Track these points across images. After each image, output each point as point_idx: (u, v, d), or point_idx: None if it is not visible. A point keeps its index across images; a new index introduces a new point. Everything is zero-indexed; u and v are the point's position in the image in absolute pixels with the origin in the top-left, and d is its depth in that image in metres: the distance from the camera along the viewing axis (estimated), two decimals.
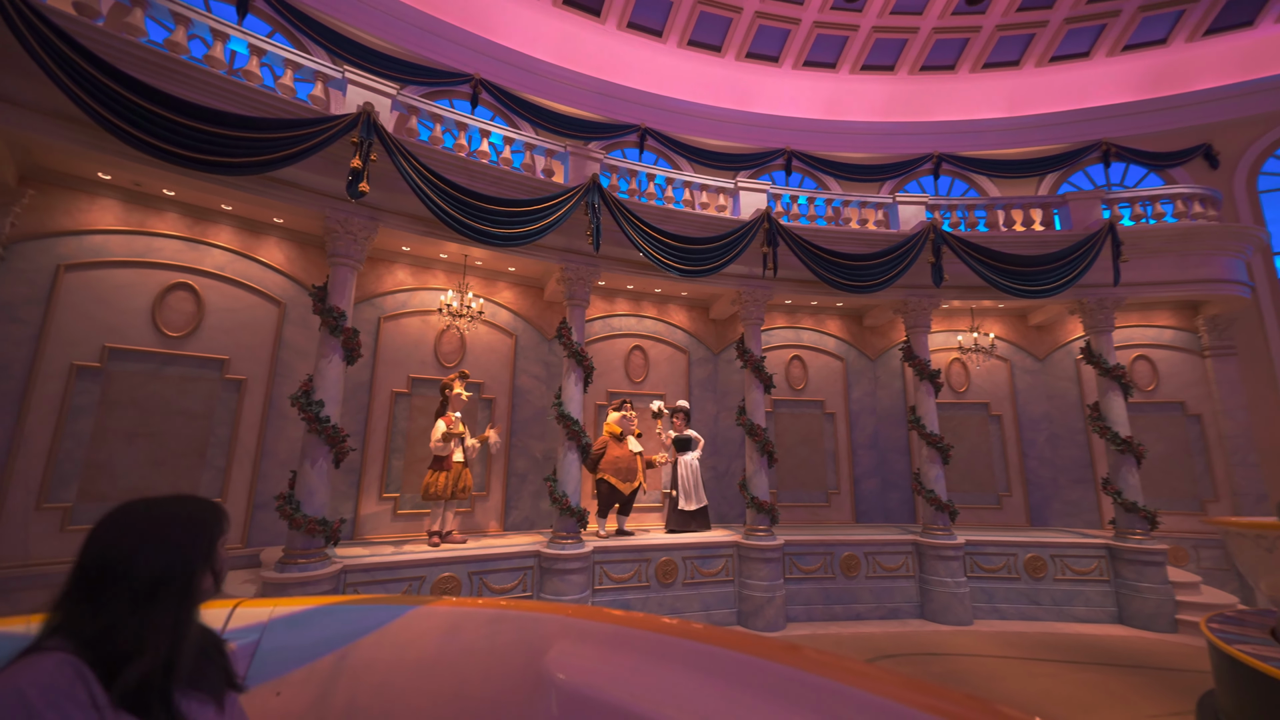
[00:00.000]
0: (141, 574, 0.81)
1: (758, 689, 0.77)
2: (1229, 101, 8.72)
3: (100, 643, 0.78)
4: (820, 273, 6.73)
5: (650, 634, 0.98)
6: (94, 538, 0.84)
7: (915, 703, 0.65)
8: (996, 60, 9.32)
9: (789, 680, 0.74)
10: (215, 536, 0.91)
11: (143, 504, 0.87)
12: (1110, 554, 6.79)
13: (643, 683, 0.87)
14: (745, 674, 0.81)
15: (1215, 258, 7.39)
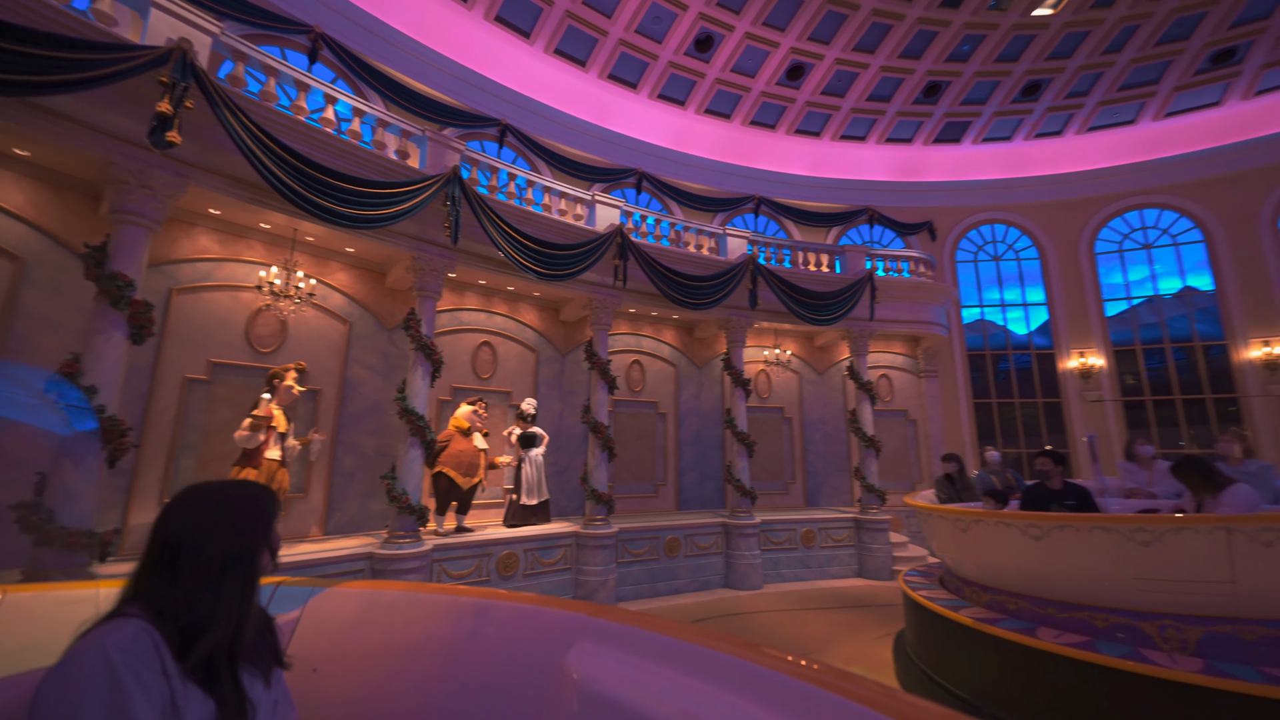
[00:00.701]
0: (215, 551, 0.88)
1: (780, 705, 0.77)
2: (945, 193, 12.01)
3: (177, 613, 0.83)
4: (664, 288, 7.55)
5: (675, 641, 0.96)
6: (168, 518, 0.89)
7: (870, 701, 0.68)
8: (804, 128, 11.41)
9: (804, 695, 0.75)
10: (273, 517, 0.99)
11: (209, 487, 0.95)
12: (856, 525, 8.88)
13: (664, 689, 0.86)
14: (769, 690, 0.80)
15: (930, 305, 10.15)
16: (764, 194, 11.42)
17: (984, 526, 3.88)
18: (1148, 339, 11.10)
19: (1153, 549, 3.10)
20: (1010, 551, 3.68)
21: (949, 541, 4.30)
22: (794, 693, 0.75)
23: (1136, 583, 3.23)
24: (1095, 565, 3.30)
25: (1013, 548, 3.65)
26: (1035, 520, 3.56)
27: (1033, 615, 3.64)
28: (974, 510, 4.31)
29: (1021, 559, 3.63)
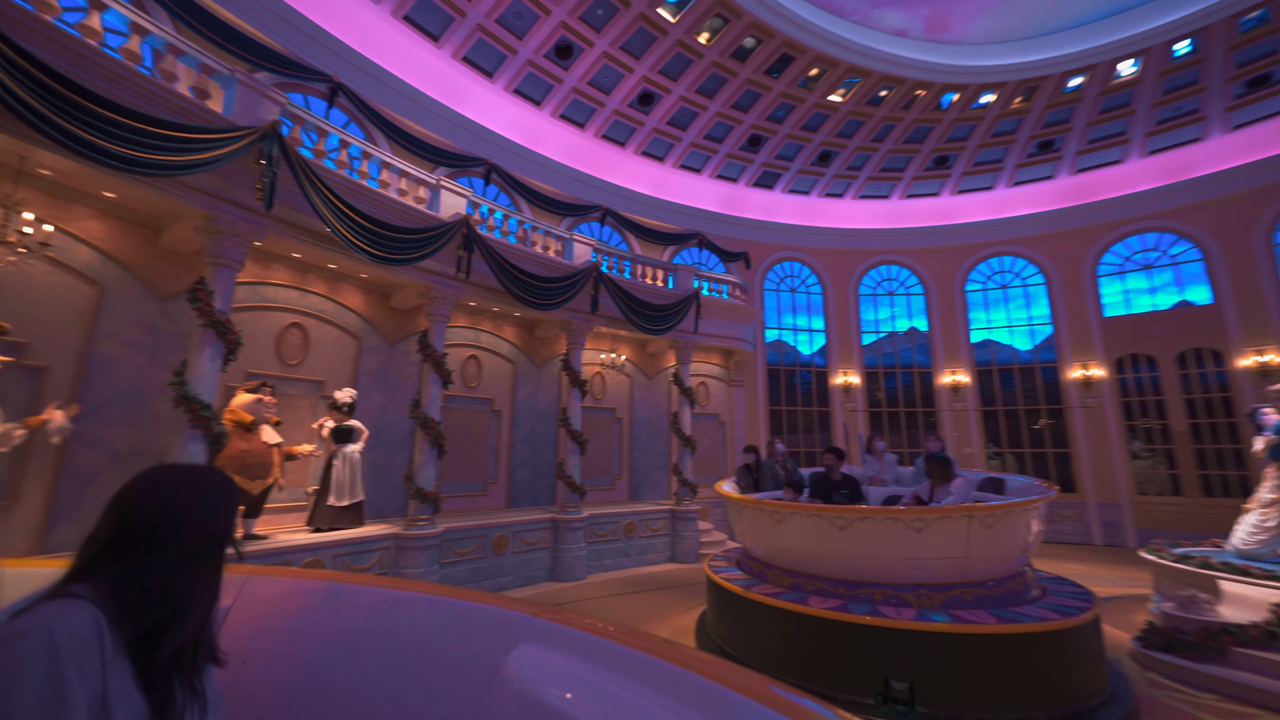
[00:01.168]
0: (196, 532, 0.81)
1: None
2: (759, 230, 14.05)
3: (144, 599, 0.75)
4: (510, 286, 7.53)
5: (624, 649, 0.97)
6: (139, 492, 0.80)
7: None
8: (650, 151, 12.34)
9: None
10: (237, 502, 0.91)
11: (180, 465, 0.87)
12: (672, 515, 9.91)
13: (602, 695, 0.87)
14: (713, 704, 0.81)
15: (742, 324, 11.81)
16: (611, 206, 12.03)
17: (798, 518, 4.43)
18: (887, 364, 14.47)
19: (924, 534, 4.09)
20: (816, 539, 4.34)
21: (756, 529, 4.79)
22: (727, 702, 0.77)
23: (909, 562, 4.15)
24: (885, 550, 4.15)
25: (819, 536, 4.31)
26: (842, 513, 4.25)
27: (829, 592, 4.31)
28: (786, 504, 4.77)
29: (828, 545, 4.30)
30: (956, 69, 11.22)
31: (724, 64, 10.69)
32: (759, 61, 10.68)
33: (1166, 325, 12.07)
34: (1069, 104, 11.74)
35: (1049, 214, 13.33)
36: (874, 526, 4.19)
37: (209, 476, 0.88)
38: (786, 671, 4.00)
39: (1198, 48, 10.25)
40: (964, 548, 4.09)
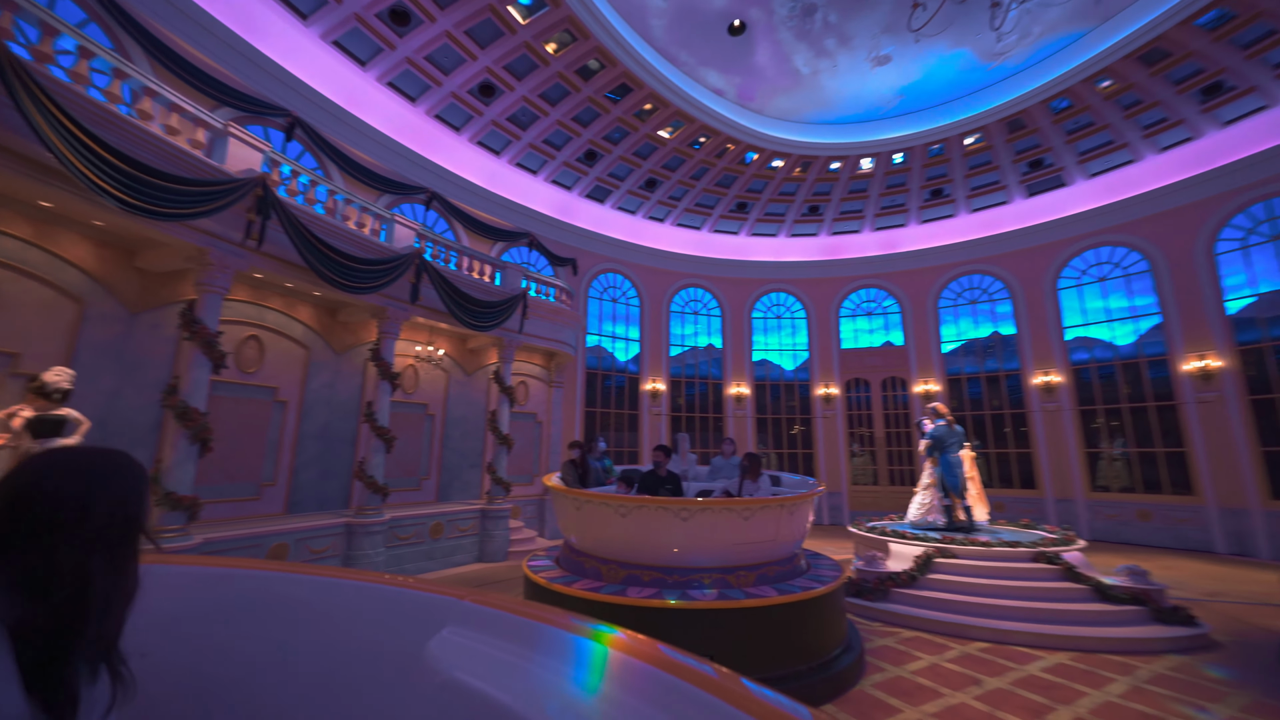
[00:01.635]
0: (109, 514, 0.73)
1: (643, 693, 0.77)
2: (588, 239, 14.72)
3: (52, 594, 0.67)
4: (314, 262, 6.68)
5: (541, 625, 0.98)
6: (38, 474, 0.70)
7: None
8: (487, 143, 12.03)
9: (675, 690, 0.75)
10: (148, 484, 0.82)
11: (83, 449, 0.78)
12: (482, 515, 9.79)
13: (524, 672, 0.88)
14: (633, 676, 0.81)
15: (566, 328, 12.26)
16: (439, 190, 11.38)
17: (646, 511, 4.56)
18: (689, 375, 16.45)
19: (750, 522, 4.67)
20: (660, 531, 4.57)
21: (596, 524, 4.86)
22: (650, 678, 0.77)
23: (738, 546, 4.67)
24: (720, 537, 4.60)
25: (663, 527, 4.54)
26: (687, 506, 4.55)
27: (654, 581, 4.58)
28: (634, 499, 4.81)
29: (670, 536, 4.56)
30: (757, 134, 13.46)
31: (569, 77, 11.06)
32: (601, 84, 11.32)
33: (876, 358, 16.23)
34: (829, 181, 15.03)
35: (811, 263, 16.78)
36: (713, 516, 4.59)
37: (119, 456, 0.81)
38: None
39: (908, 159, 14.15)
40: (775, 531, 4.87)
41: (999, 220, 14.73)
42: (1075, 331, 13.64)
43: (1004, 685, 4.55)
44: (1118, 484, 12.51)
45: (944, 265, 15.59)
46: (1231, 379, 11.08)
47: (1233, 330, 11.27)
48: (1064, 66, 11.43)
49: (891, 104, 13.34)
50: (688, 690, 0.72)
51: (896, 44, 11.21)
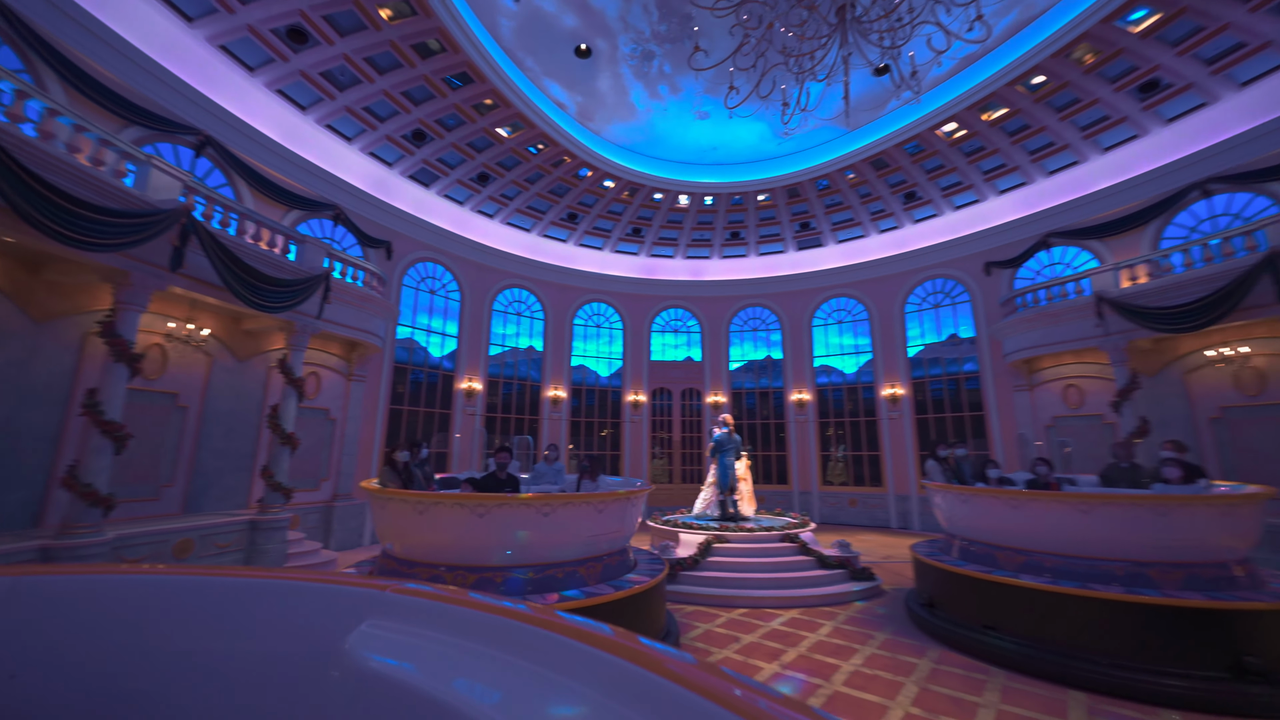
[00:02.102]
0: None
1: (564, 669, 0.76)
2: (407, 223, 13.59)
3: None
4: (15, 199, 5.04)
5: (461, 609, 0.94)
6: None
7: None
8: (290, 93, 10.32)
9: (594, 660, 0.73)
10: None
11: None
12: (252, 526, 8.34)
13: (444, 663, 0.84)
14: (550, 652, 0.79)
15: (375, 317, 11.16)
16: (215, 134, 9.38)
17: (507, 509, 4.45)
18: (507, 375, 16.30)
19: (604, 514, 4.86)
20: (523, 527, 4.56)
21: (447, 527, 4.54)
22: (583, 656, 0.74)
23: (592, 538, 4.88)
24: (577, 531, 4.71)
25: (525, 524, 4.52)
26: (549, 501, 4.62)
27: (508, 582, 4.58)
28: (494, 497, 4.62)
29: (530, 533, 4.58)
30: (592, 153, 14.19)
31: (403, 50, 10.20)
32: (441, 66, 10.70)
33: (678, 371, 18.34)
34: (652, 208, 16.57)
35: (631, 279, 18.19)
36: (573, 510, 4.75)
37: None
38: None
39: (716, 203, 16.43)
40: (621, 523, 5.28)
41: (778, 265, 18.06)
42: (821, 360, 17.47)
43: (754, 639, 5.81)
44: (839, 479, 16.38)
45: (736, 296, 18.44)
46: (908, 402, 15.50)
47: (910, 368, 15.80)
48: (828, 155, 14.72)
49: (708, 154, 15.38)
50: (624, 667, 0.69)
51: (715, 106, 13.05)
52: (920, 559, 6.66)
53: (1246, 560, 4.85)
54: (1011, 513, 5.60)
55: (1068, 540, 5.16)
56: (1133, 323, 9.90)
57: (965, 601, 5.69)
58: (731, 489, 9.81)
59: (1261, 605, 4.29)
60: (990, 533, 5.87)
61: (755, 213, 16.72)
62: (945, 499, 6.57)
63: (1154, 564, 4.74)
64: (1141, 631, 4.46)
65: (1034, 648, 4.87)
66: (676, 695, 0.63)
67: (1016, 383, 13.22)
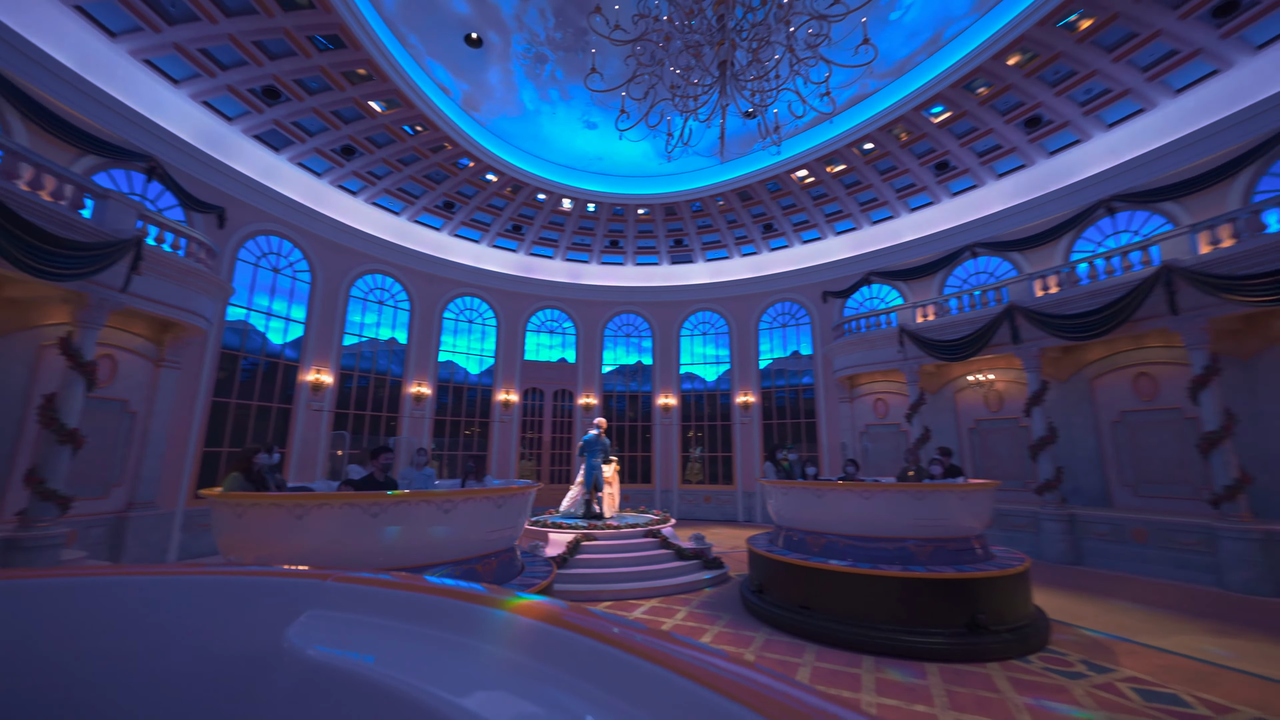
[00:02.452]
0: None
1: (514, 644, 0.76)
2: (250, 189, 11.80)
3: None
4: None
5: (407, 594, 0.92)
6: None
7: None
8: (100, 17, 8.42)
9: (543, 635, 0.73)
10: None
11: None
12: (8, 545, 6.67)
13: (392, 648, 0.82)
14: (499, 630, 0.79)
15: (201, 295, 9.54)
16: None
17: (405, 506, 4.27)
18: (363, 368, 14.92)
19: (503, 509, 4.87)
20: (421, 526, 4.43)
21: (347, 531, 4.16)
22: (538, 632, 0.74)
23: (490, 533, 4.85)
24: (475, 526, 4.66)
25: (429, 521, 4.43)
26: (451, 497, 4.56)
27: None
28: (389, 496, 4.34)
29: (429, 531, 4.51)
30: (476, 144, 13.71)
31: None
32: (307, 23, 9.55)
33: (552, 371, 18.40)
34: (534, 207, 16.47)
35: (508, 276, 17.83)
36: (475, 505, 4.72)
37: None
38: None
39: (598, 211, 16.86)
40: (518, 519, 5.37)
41: (652, 276, 19.07)
42: (686, 367, 18.83)
43: None
44: (696, 478, 17.81)
45: (612, 302, 19.06)
46: (758, 409, 17.44)
47: (760, 378, 17.80)
48: (702, 182, 16.02)
49: (594, 162, 15.75)
50: (578, 641, 0.70)
51: (604, 118, 13.47)
52: (752, 550, 7.65)
53: (981, 536, 6.51)
54: (817, 501, 6.77)
55: (855, 523, 6.39)
56: (923, 351, 12.42)
57: (786, 585, 6.64)
58: (596, 488, 10.25)
59: (991, 573, 5.80)
60: (804, 521, 6.98)
61: (634, 224, 17.51)
62: (773, 493, 7.66)
63: (915, 540, 6.12)
64: (911, 601, 5.73)
65: (837, 622, 5.95)
66: (634, 667, 0.64)
67: (841, 395, 15.66)
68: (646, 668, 0.63)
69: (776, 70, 6.18)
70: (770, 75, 6.30)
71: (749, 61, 6.34)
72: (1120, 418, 10.14)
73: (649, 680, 0.61)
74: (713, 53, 6.22)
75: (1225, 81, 9.42)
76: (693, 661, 0.61)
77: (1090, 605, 7.44)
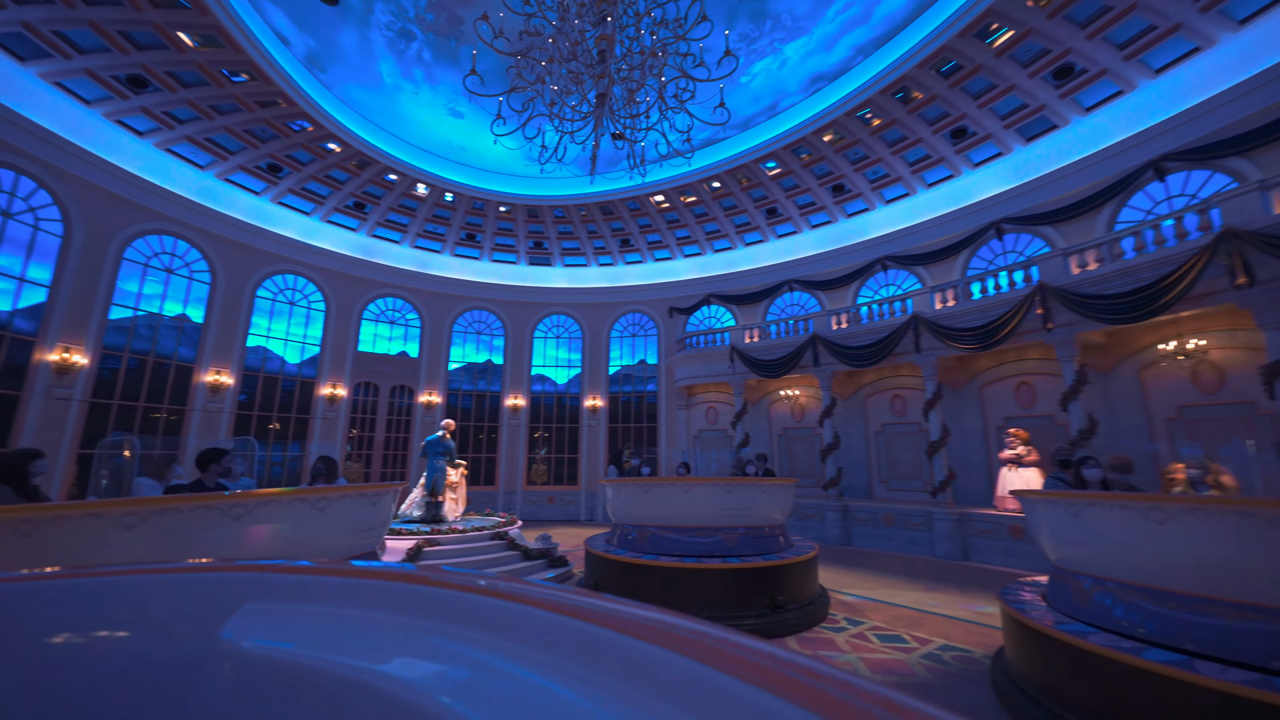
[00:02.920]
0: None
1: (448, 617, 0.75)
2: None
3: None
4: None
5: (339, 579, 0.94)
6: None
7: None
8: None
9: (479, 608, 0.73)
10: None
11: None
12: None
13: (330, 632, 0.84)
14: (427, 605, 0.78)
15: None
16: None
17: (274, 505, 3.84)
18: (141, 349, 12.12)
19: (376, 506, 4.58)
20: (292, 527, 3.95)
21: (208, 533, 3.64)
22: (493, 610, 0.75)
23: (362, 532, 4.46)
24: (348, 530, 4.31)
25: (297, 522, 3.99)
26: (324, 495, 4.10)
27: None
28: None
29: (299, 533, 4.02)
30: (317, 107, 12.16)
31: None
32: None
33: (390, 365, 17.00)
34: (383, 187, 15.13)
35: (344, 257, 16.04)
36: (350, 503, 4.48)
37: None
38: None
39: (456, 201, 16.12)
40: (384, 518, 5.02)
41: (509, 275, 18.80)
42: (538, 369, 18.92)
43: None
44: (541, 479, 17.99)
45: (464, 297, 18.31)
46: (605, 413, 18.28)
47: (609, 383, 18.70)
48: (567, 190, 16.38)
49: (456, 152, 15.06)
50: (514, 609, 0.72)
51: (472, 111, 13.04)
52: (589, 550, 7.99)
53: (782, 526, 7.92)
54: (645, 495, 7.56)
55: (676, 515, 7.28)
56: (748, 367, 14.42)
57: (620, 582, 7.11)
58: (436, 491, 9.93)
59: (789, 560, 7.08)
60: (636, 516, 7.57)
61: (494, 220, 17.13)
62: (609, 491, 8.26)
63: (725, 529, 7.16)
64: (729, 588, 6.63)
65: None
66: (499, 607, 0.69)
67: (680, 403, 17.27)
68: (515, 608, 0.72)
69: (647, 113, 6.88)
70: (641, 115, 6.98)
71: (625, 101, 6.93)
72: (882, 429, 13.05)
73: (515, 616, 0.71)
74: (591, 83, 6.68)
75: (1064, 137, 11.87)
76: (550, 599, 0.73)
77: (852, 575, 9.52)
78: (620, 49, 6.62)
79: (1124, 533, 3.84)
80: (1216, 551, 3.32)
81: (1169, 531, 3.55)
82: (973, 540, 9.80)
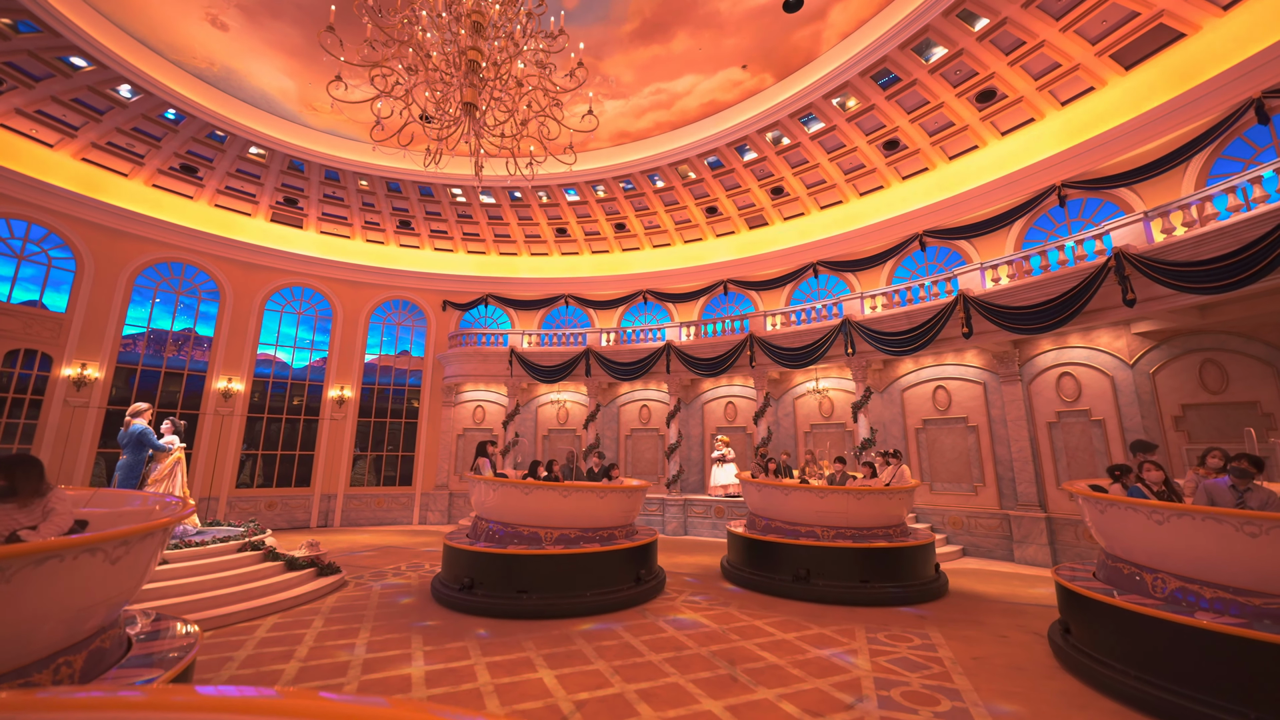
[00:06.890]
0: None
1: None
2: None
3: None
4: None
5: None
6: None
7: None
8: None
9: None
10: None
11: None
12: None
13: None
14: None
15: None
16: None
17: None
18: None
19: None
20: None
21: None
22: None
23: None
24: None
25: None
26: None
27: None
28: None
29: None
30: None
31: None
32: None
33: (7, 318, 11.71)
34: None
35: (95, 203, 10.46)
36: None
37: None
38: None
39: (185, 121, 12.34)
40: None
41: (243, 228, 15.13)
42: (266, 348, 15.69)
43: (252, 651, 5.59)
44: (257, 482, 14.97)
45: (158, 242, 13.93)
46: (354, 405, 16.42)
47: (364, 373, 16.90)
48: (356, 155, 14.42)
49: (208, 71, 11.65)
50: None
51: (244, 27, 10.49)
52: (453, 545, 7.85)
53: (634, 523, 8.86)
54: (525, 497, 7.82)
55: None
56: (525, 370, 15.41)
57: (500, 577, 7.20)
58: None
59: (645, 540, 8.33)
60: (516, 516, 7.93)
61: (234, 159, 13.73)
62: (473, 489, 8.34)
63: (586, 529, 7.95)
64: (576, 572, 7.48)
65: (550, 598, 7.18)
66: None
67: (447, 400, 16.93)
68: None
69: (511, 121, 7.43)
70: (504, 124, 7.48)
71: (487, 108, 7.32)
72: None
73: None
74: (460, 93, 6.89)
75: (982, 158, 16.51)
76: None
77: (685, 555, 11.20)
78: (485, 62, 7.00)
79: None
80: None
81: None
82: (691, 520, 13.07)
